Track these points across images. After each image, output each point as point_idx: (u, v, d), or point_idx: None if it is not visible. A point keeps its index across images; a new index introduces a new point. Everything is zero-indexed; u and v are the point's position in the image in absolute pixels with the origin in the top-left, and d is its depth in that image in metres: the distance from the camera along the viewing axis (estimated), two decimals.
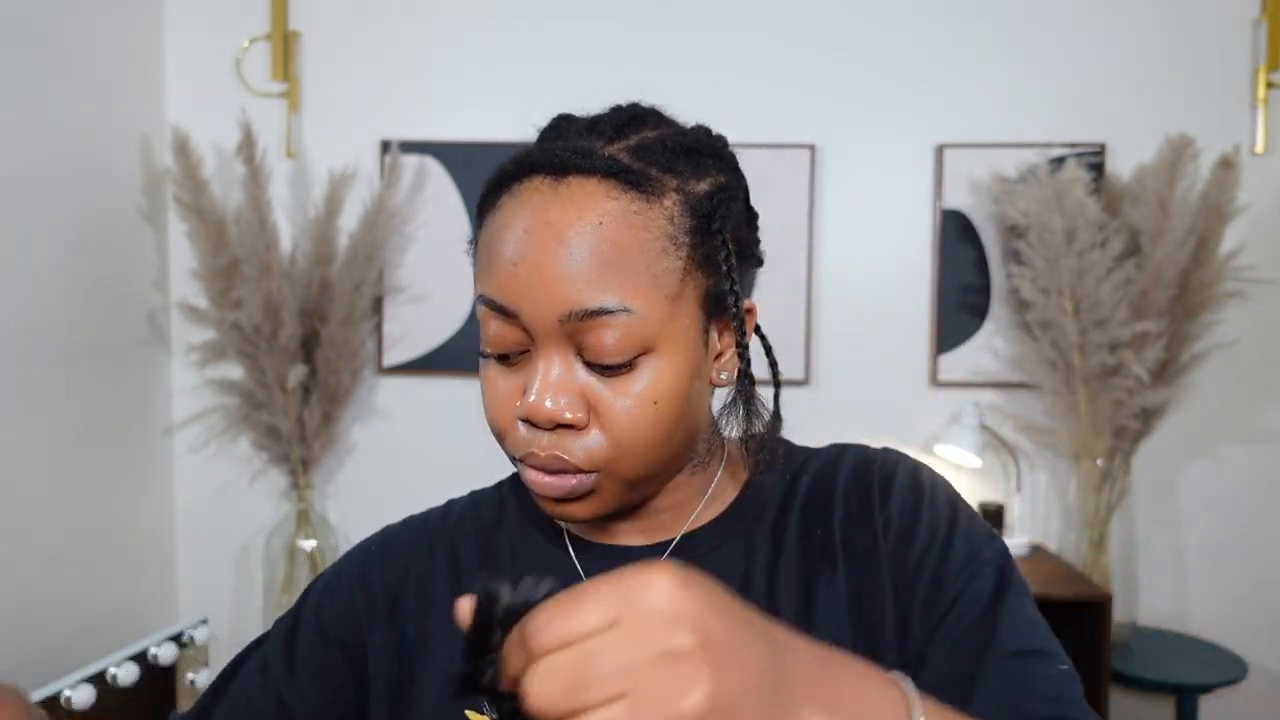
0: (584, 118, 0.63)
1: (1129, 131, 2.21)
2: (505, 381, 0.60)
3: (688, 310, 0.59)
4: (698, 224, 0.59)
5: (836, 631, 0.62)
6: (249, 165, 2.08)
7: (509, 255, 0.57)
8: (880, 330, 2.30)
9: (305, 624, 0.72)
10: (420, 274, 2.33)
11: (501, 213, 0.58)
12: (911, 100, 2.27)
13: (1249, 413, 2.24)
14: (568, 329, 0.56)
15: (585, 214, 0.56)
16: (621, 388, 0.57)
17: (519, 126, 2.30)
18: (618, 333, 0.56)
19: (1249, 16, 2.19)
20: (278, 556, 2.25)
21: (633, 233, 0.56)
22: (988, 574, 0.61)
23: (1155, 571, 2.27)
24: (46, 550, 1.92)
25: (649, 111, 0.63)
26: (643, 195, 0.57)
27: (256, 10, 2.33)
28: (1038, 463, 2.30)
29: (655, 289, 0.57)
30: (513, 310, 0.57)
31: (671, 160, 0.59)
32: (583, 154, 0.57)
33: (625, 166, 0.57)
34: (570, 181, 0.57)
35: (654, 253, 0.57)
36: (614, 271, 0.55)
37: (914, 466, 0.67)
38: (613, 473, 0.59)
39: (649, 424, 0.58)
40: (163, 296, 2.34)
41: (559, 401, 0.57)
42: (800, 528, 0.66)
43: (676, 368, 0.58)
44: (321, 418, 2.22)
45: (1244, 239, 2.12)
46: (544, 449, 0.58)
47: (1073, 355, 2.09)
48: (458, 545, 0.72)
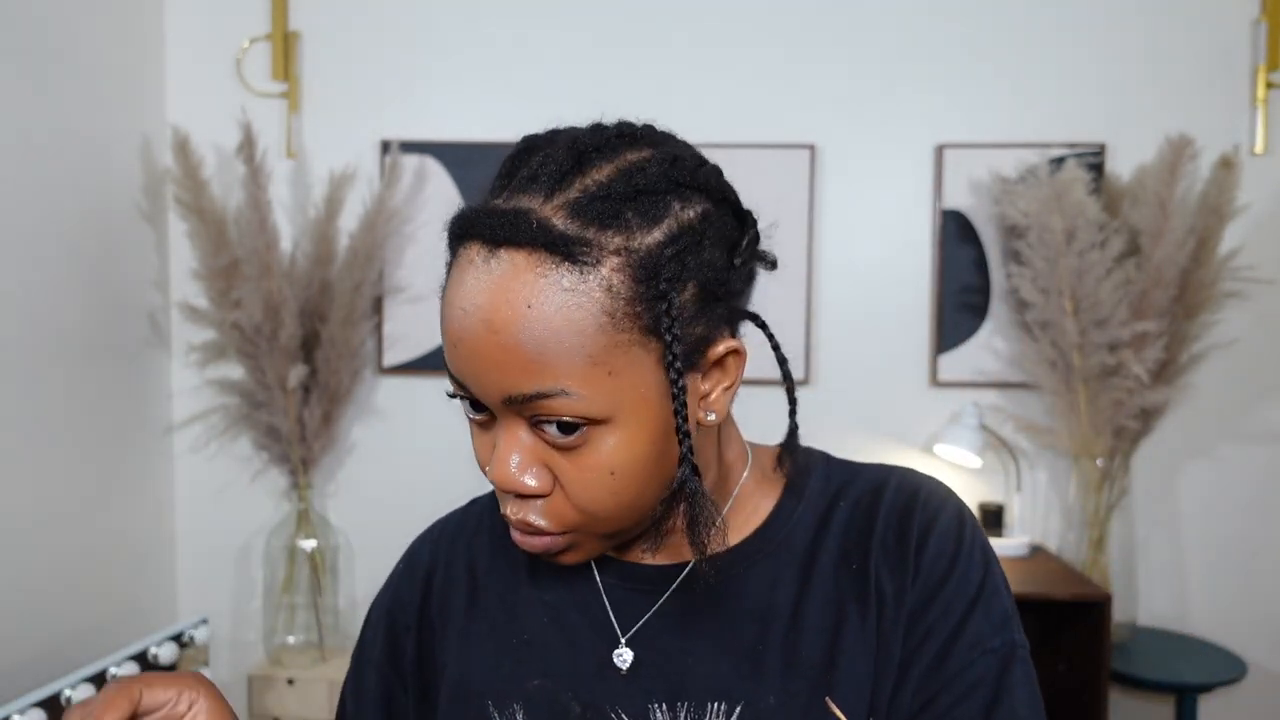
0: (540, 152, 0.57)
1: (1129, 131, 2.21)
2: (481, 437, 0.60)
3: (640, 377, 0.55)
4: (642, 288, 0.54)
5: (861, 678, 0.61)
6: (249, 165, 2.09)
7: (450, 333, 0.56)
8: (880, 330, 2.30)
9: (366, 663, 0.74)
10: (420, 274, 2.34)
11: (449, 279, 0.57)
12: (911, 100, 2.27)
13: (1249, 413, 2.24)
14: (514, 408, 0.55)
15: (513, 298, 0.52)
16: (577, 460, 0.56)
17: (519, 126, 2.30)
18: (559, 413, 0.54)
19: (1249, 16, 2.19)
20: (278, 556, 2.25)
21: (564, 313, 0.52)
22: (990, 664, 0.60)
23: (1155, 571, 2.27)
24: (46, 550, 1.92)
25: (603, 142, 0.57)
26: (576, 268, 0.52)
27: (256, 10, 2.33)
28: (1038, 463, 2.30)
29: (594, 367, 0.53)
30: (462, 384, 0.57)
31: (616, 212, 0.54)
32: (513, 222, 0.53)
33: (557, 236, 0.52)
34: (501, 256, 0.53)
35: (589, 331, 0.53)
36: (547, 356, 0.53)
37: (957, 517, 0.64)
38: (586, 531, 0.59)
39: (609, 493, 0.57)
40: (163, 296, 2.34)
41: (519, 473, 0.57)
42: (835, 560, 0.64)
43: (632, 436, 0.56)
44: (321, 418, 2.22)
45: (1244, 239, 2.12)
46: (514, 514, 0.59)
47: (1073, 355, 2.09)
48: (475, 556, 0.73)
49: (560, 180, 0.54)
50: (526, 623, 0.68)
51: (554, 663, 0.66)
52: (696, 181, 0.57)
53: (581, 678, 0.64)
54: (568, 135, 0.58)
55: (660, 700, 0.62)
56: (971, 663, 0.60)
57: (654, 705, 0.62)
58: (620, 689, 0.63)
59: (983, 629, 0.61)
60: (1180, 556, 2.28)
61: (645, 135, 0.59)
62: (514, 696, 0.65)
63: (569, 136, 0.57)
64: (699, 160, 0.59)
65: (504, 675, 0.66)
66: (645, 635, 0.65)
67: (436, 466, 2.32)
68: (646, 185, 0.55)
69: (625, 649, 0.64)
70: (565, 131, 0.59)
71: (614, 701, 0.63)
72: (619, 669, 0.64)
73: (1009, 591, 0.64)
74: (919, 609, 0.61)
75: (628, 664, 0.64)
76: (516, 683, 0.66)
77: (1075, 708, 1.98)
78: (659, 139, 0.59)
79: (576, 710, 0.63)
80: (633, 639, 0.65)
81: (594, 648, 0.65)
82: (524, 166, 0.57)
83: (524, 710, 0.65)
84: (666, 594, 0.65)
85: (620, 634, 0.65)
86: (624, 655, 0.64)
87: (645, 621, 0.65)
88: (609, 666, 0.64)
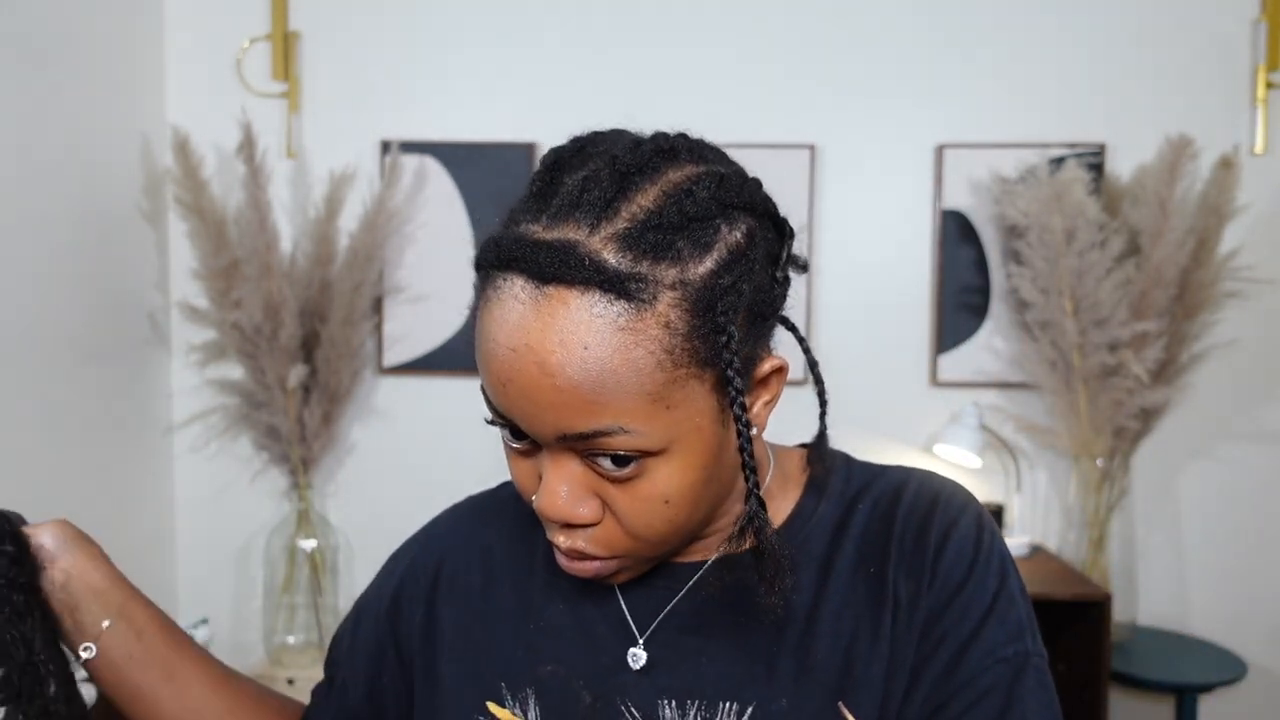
0: (573, 172, 0.55)
1: (1129, 131, 2.21)
2: (523, 464, 0.59)
3: (695, 407, 0.54)
4: (700, 322, 0.52)
5: (876, 683, 0.60)
6: (249, 165, 2.09)
7: (496, 372, 0.53)
8: (880, 330, 2.30)
9: (366, 612, 0.75)
10: (420, 274, 2.34)
11: (488, 312, 0.54)
12: (911, 100, 2.27)
13: (1249, 413, 2.24)
14: (567, 443, 0.54)
15: (568, 339, 0.50)
16: (631, 491, 0.56)
17: (519, 127, 2.31)
18: (616, 448, 0.53)
19: (1249, 16, 2.19)
20: (278, 556, 2.25)
21: (623, 353, 0.51)
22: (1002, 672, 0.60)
23: (1155, 571, 2.27)
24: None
25: (645, 160, 0.54)
26: (633, 306, 0.51)
27: (256, 10, 2.33)
28: (1038, 463, 2.30)
29: (652, 404, 0.52)
30: (510, 421, 0.55)
31: (668, 242, 0.52)
32: (562, 257, 0.51)
33: (611, 273, 0.50)
34: (550, 293, 0.51)
35: (648, 369, 0.51)
36: (604, 395, 0.51)
37: (976, 523, 0.64)
38: (635, 556, 0.60)
39: (662, 521, 0.57)
40: (163, 296, 2.34)
41: (570, 504, 0.56)
42: (853, 564, 0.64)
43: (687, 464, 0.56)
44: (321, 418, 2.22)
45: (1244, 239, 2.12)
46: (563, 543, 0.58)
47: (1073, 355, 2.09)
48: (494, 540, 0.73)
49: (605, 208, 0.52)
50: (542, 609, 0.68)
51: (567, 653, 0.66)
52: (742, 201, 0.55)
53: (594, 670, 0.65)
54: (603, 153, 0.55)
55: (671, 698, 0.63)
56: (984, 670, 0.59)
57: (664, 702, 0.63)
58: (632, 684, 0.64)
59: (997, 637, 0.60)
60: (1180, 556, 2.28)
61: (683, 148, 0.56)
62: (527, 681, 0.66)
63: (606, 155, 0.54)
64: (742, 176, 0.57)
65: (518, 659, 0.67)
66: (660, 633, 0.65)
67: (436, 466, 2.32)
68: (696, 212, 0.53)
69: (640, 649, 0.65)
70: (595, 144, 0.57)
71: (625, 695, 0.63)
72: (632, 666, 0.65)
73: (1026, 600, 0.63)
74: (934, 614, 0.61)
75: (641, 663, 0.64)
76: (530, 667, 0.66)
77: (1075, 708, 1.98)
78: (697, 152, 0.57)
79: (587, 700, 0.64)
80: (649, 638, 0.65)
81: (607, 642, 0.66)
82: (558, 187, 0.54)
83: (535, 694, 0.65)
84: (682, 592, 0.66)
85: (637, 633, 0.65)
86: (638, 655, 0.64)
87: (660, 620, 0.65)
88: (622, 662, 0.65)
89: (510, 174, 2.30)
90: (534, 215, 0.54)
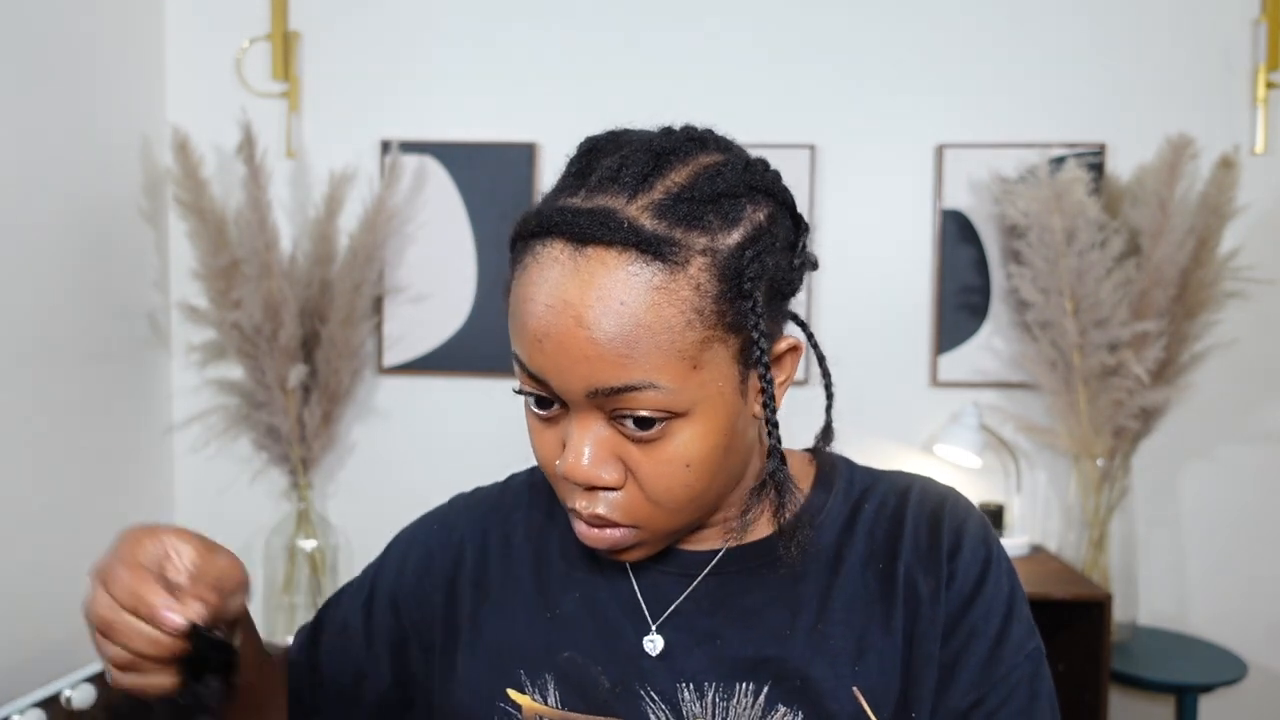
0: (609, 155, 0.59)
1: (1129, 131, 2.21)
2: (547, 433, 0.61)
3: (719, 371, 0.58)
4: (726, 287, 0.57)
5: (888, 673, 0.63)
6: (249, 165, 2.09)
7: (533, 330, 0.56)
8: (880, 330, 2.30)
9: (380, 595, 0.76)
10: (420, 274, 2.33)
11: (526, 276, 0.57)
12: (911, 100, 2.27)
13: (1249, 413, 2.24)
14: (596, 401, 0.57)
15: (605, 295, 0.54)
16: (654, 453, 0.58)
17: (519, 127, 2.31)
18: (644, 406, 0.56)
19: (1249, 16, 2.19)
20: (278, 556, 2.25)
21: (656, 310, 0.54)
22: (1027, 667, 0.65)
23: (1155, 571, 2.27)
24: (47, 550, 1.92)
25: (678, 144, 0.59)
26: (666, 267, 0.55)
27: (256, 10, 2.33)
28: (1038, 463, 2.30)
29: (681, 361, 0.55)
30: (541, 380, 0.58)
31: (699, 214, 0.56)
32: (602, 220, 0.55)
33: (648, 235, 0.54)
34: (589, 254, 0.55)
35: (679, 327, 0.55)
36: (637, 350, 0.54)
37: (983, 523, 0.68)
38: (653, 527, 0.61)
39: (682, 486, 0.59)
40: (163, 296, 2.34)
41: (594, 466, 0.58)
42: (862, 559, 0.67)
43: (709, 428, 0.58)
44: (321, 418, 2.22)
45: (1244, 239, 2.12)
46: (585, 508, 0.60)
47: (1073, 355, 2.09)
48: (510, 532, 0.75)
49: (642, 182, 0.56)
50: (559, 599, 0.70)
51: (584, 639, 0.68)
52: (765, 185, 0.60)
53: (611, 656, 0.67)
54: (639, 137, 0.60)
55: (688, 681, 0.65)
56: (1015, 666, 0.64)
57: (682, 685, 0.65)
58: (649, 669, 0.66)
59: (1020, 633, 0.65)
60: (1180, 556, 2.28)
61: (711, 139, 0.61)
62: (546, 666, 0.67)
63: (642, 138, 0.59)
64: (765, 165, 0.63)
65: (537, 646, 0.69)
66: (676, 619, 0.67)
67: (436, 466, 2.32)
68: (725, 188, 0.57)
69: (656, 635, 0.67)
70: (630, 133, 0.61)
71: (643, 680, 0.65)
72: (649, 652, 0.66)
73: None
74: (958, 612, 0.64)
75: (658, 649, 0.66)
76: (549, 654, 0.68)
77: (1075, 708, 1.98)
78: (724, 143, 0.62)
79: (606, 685, 0.66)
80: (663, 624, 0.67)
81: (624, 630, 0.67)
82: (594, 167, 0.58)
83: (555, 680, 0.67)
84: (697, 580, 0.67)
85: (651, 620, 0.67)
86: (655, 641, 0.66)
87: (676, 607, 0.67)
88: (638, 648, 0.66)
89: (510, 174, 2.30)
90: (572, 190, 0.58)
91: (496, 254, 2.31)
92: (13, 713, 1.58)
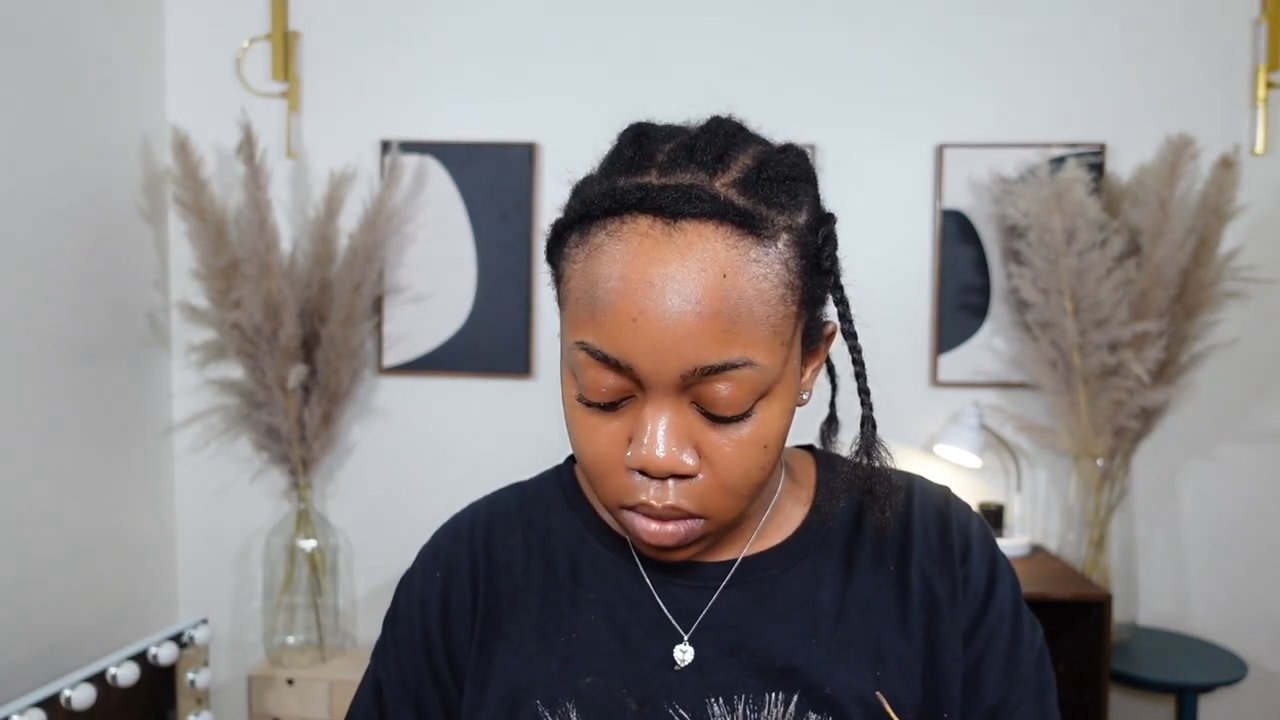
0: (672, 140, 0.57)
1: (1129, 131, 2.21)
2: (606, 427, 0.57)
3: (795, 350, 0.58)
4: (808, 263, 0.57)
5: (909, 675, 0.63)
6: (249, 165, 2.08)
7: (625, 309, 0.52)
8: (880, 330, 2.29)
9: (390, 684, 0.71)
10: (420, 274, 2.33)
11: (604, 256, 0.54)
12: (911, 100, 2.27)
13: (1249, 413, 2.24)
14: (686, 383, 0.54)
15: (708, 268, 0.52)
16: (734, 434, 0.56)
17: (519, 127, 2.31)
18: (739, 385, 0.54)
19: (1249, 16, 2.19)
20: (278, 556, 2.25)
21: (755, 283, 0.53)
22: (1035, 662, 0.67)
23: (1155, 571, 2.27)
24: (47, 550, 1.92)
25: (735, 129, 0.59)
26: (760, 241, 0.54)
27: (256, 10, 2.33)
28: (1038, 463, 2.30)
29: (774, 337, 0.55)
30: (627, 364, 0.54)
31: (775, 193, 0.56)
32: (694, 195, 0.53)
33: (741, 209, 0.53)
34: (684, 228, 0.52)
35: (774, 301, 0.54)
36: (739, 326, 0.53)
37: (981, 523, 0.70)
38: (721, 516, 0.59)
39: (758, 467, 0.58)
40: (163, 296, 2.34)
41: (675, 452, 0.55)
42: (873, 560, 0.67)
43: (784, 407, 0.58)
44: (321, 418, 2.22)
45: (1244, 239, 2.12)
46: (659, 499, 0.57)
47: (1073, 355, 2.09)
48: (509, 558, 0.70)
49: (719, 160, 0.55)
50: (573, 621, 0.67)
51: (605, 660, 0.65)
52: (813, 172, 0.62)
53: (637, 675, 0.64)
54: (688, 127, 0.60)
55: (718, 694, 0.63)
56: (1029, 664, 0.66)
57: (711, 700, 0.63)
58: (676, 685, 0.63)
59: (1028, 631, 0.67)
60: (1180, 556, 2.28)
61: (752, 132, 0.61)
62: (566, 695, 0.64)
63: (695, 127, 0.59)
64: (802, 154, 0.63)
65: (553, 674, 0.65)
66: (700, 632, 0.65)
67: (436, 467, 2.32)
68: (789, 171, 0.58)
69: (688, 645, 0.64)
70: (669, 125, 0.60)
71: (671, 697, 0.63)
72: (676, 666, 0.64)
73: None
74: (977, 615, 0.65)
75: (688, 660, 0.64)
76: (568, 681, 0.64)
77: (1075, 708, 1.98)
78: (760, 137, 0.62)
79: (633, 707, 0.63)
80: (691, 637, 0.65)
81: (648, 645, 0.65)
82: (654, 150, 0.57)
83: (577, 708, 0.64)
84: (719, 589, 0.66)
85: (682, 631, 0.65)
86: (686, 651, 0.64)
87: (702, 618, 0.65)
88: (665, 663, 0.64)
89: (510, 174, 2.29)
90: (639, 171, 0.56)
91: (496, 254, 2.32)
92: (13, 713, 1.58)
